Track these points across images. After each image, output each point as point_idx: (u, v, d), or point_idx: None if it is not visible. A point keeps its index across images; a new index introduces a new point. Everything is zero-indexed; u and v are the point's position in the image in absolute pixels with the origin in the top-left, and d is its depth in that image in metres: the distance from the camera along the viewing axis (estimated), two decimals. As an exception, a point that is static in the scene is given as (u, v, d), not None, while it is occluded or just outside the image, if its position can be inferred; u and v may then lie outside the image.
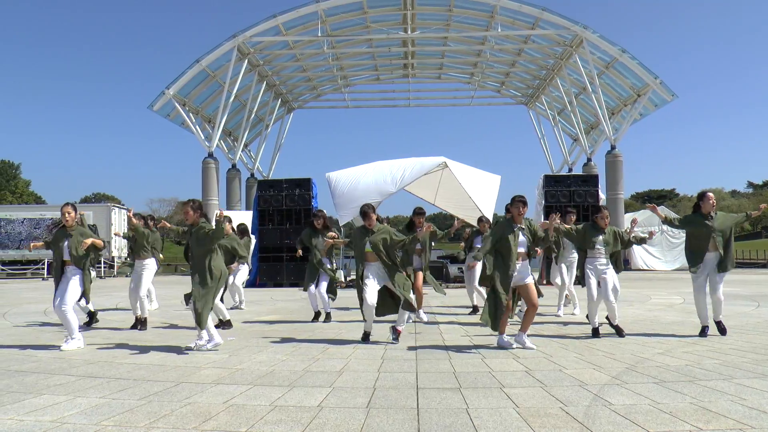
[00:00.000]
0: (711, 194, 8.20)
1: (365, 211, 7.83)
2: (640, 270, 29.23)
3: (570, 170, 40.32)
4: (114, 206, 32.59)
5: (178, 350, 7.34)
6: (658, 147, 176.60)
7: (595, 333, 8.16)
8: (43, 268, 29.58)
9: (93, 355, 7.04)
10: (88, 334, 8.76)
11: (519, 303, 8.18)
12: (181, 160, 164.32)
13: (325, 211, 11.02)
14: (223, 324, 9.20)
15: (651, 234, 8.99)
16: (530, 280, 7.40)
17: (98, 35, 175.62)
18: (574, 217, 10.53)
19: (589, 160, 35.90)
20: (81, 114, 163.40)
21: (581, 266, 8.55)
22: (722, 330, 8.05)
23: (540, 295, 7.58)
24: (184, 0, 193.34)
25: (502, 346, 7.24)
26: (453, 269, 21.20)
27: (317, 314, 10.38)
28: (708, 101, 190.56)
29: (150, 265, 9.94)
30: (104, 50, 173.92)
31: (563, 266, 10.85)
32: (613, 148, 32.98)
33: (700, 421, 4.13)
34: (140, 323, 9.44)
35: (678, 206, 73.71)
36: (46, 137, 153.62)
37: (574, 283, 11.01)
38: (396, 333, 7.78)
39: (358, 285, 7.76)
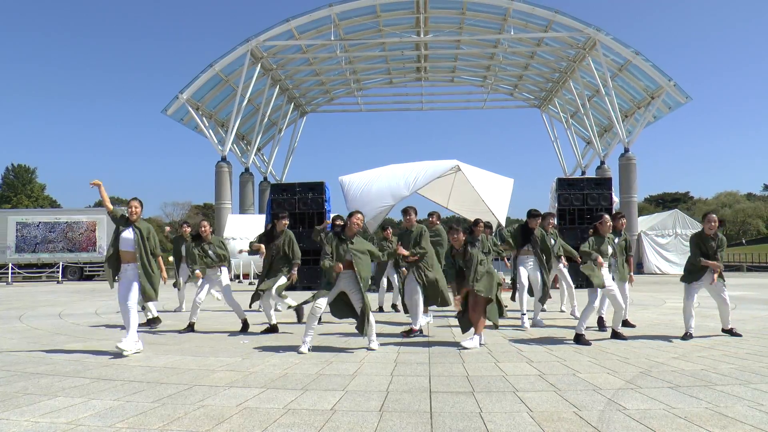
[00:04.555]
0: (713, 215, 8.18)
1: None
2: (653, 274, 29.03)
3: (583, 173, 40.25)
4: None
5: (191, 353, 7.37)
6: (672, 149, 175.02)
7: (580, 339, 7.89)
8: (58, 272, 29.81)
9: (107, 357, 7.08)
10: (99, 336, 8.82)
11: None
12: (194, 164, 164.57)
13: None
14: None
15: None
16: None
17: (112, 39, 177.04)
18: (554, 221, 10.57)
19: (602, 162, 35.78)
20: (95, 118, 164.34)
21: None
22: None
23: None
24: (198, 4, 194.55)
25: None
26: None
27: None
28: (723, 102, 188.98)
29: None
30: (118, 54, 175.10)
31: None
32: (626, 150, 32.83)
33: (716, 426, 4.08)
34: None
35: (692, 209, 73.12)
36: (61, 141, 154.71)
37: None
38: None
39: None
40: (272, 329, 9.31)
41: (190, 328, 9.51)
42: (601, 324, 9.06)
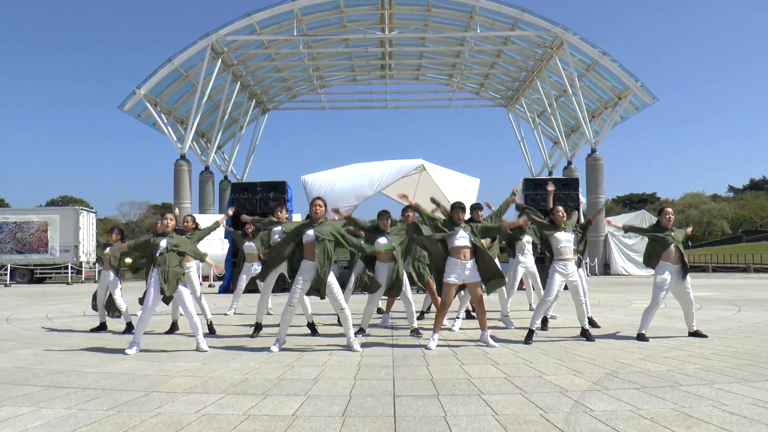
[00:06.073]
0: (669, 209, 8.70)
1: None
2: (620, 275, 29.45)
3: (550, 173, 40.57)
4: (82, 209, 31.68)
5: (148, 358, 7.15)
6: (639, 150, 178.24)
7: (530, 336, 8.07)
8: (5, 274, 28.76)
9: (59, 364, 6.82)
10: (51, 342, 8.54)
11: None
12: (152, 162, 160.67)
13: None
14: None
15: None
16: (477, 278, 7.56)
17: (66, 32, 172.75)
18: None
19: (569, 163, 36.16)
20: (47, 114, 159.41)
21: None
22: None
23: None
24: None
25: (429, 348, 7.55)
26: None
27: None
28: (689, 104, 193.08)
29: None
30: (72, 48, 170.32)
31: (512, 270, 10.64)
32: (593, 151, 33.22)
33: (681, 426, 4.09)
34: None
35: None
36: (10, 138, 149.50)
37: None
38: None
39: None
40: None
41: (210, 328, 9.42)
42: (544, 323, 9.34)
